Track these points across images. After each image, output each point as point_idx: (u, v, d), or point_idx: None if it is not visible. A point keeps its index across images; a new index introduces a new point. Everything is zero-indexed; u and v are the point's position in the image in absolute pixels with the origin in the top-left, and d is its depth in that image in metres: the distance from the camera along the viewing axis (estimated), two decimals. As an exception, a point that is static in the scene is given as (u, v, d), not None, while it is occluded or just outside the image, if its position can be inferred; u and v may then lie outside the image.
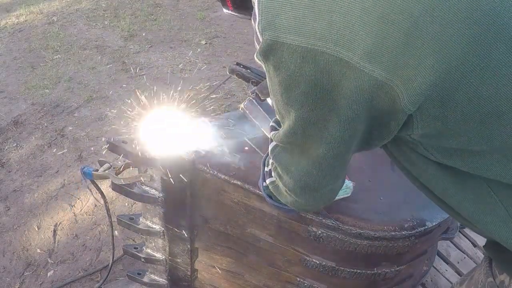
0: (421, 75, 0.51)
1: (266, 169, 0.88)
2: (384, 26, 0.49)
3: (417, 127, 0.57)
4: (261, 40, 0.57)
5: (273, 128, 0.82)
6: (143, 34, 3.90)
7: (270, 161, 0.81)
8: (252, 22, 0.60)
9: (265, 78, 1.09)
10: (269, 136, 0.79)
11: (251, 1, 0.63)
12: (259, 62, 0.61)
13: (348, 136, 0.61)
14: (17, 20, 4.22)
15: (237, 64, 1.15)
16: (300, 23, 0.52)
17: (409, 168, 0.71)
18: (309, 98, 0.58)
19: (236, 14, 0.85)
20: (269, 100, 1.13)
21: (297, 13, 0.52)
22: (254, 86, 1.12)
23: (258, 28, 0.56)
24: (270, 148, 0.79)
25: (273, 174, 0.82)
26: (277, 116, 0.69)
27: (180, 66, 3.38)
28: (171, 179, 1.05)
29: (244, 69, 1.13)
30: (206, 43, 3.75)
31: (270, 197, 0.89)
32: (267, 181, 0.86)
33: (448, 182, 0.66)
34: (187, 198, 1.11)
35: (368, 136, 0.63)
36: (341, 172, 0.74)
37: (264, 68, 0.61)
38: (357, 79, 0.52)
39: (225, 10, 0.85)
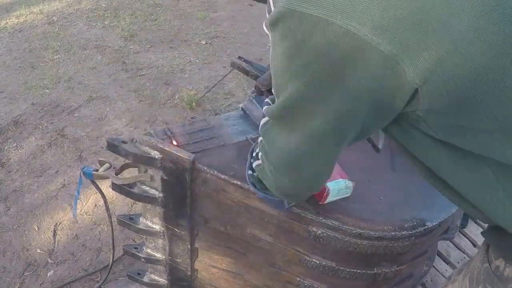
0: (428, 49, 0.52)
1: (254, 153, 0.88)
2: (395, 1, 0.51)
3: (423, 102, 0.57)
4: (273, 8, 0.58)
5: (266, 104, 0.81)
6: (143, 34, 3.90)
7: (259, 139, 0.80)
8: None
9: (264, 72, 1.13)
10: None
11: None
12: (266, 31, 0.62)
13: (346, 112, 0.61)
14: (17, 20, 4.22)
15: (239, 57, 1.21)
16: None
17: (410, 148, 0.71)
18: (310, 69, 0.58)
19: None
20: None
21: None
22: (253, 79, 1.16)
23: None
24: (261, 124, 0.78)
25: (259, 154, 0.81)
26: (273, 91, 0.69)
27: (180, 66, 3.38)
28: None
29: (245, 63, 1.19)
30: (206, 43, 3.75)
31: (255, 186, 0.88)
32: (254, 164, 0.85)
33: (450, 162, 0.66)
34: (187, 198, 1.11)
35: (372, 115, 0.62)
36: (330, 156, 0.72)
37: (270, 38, 0.62)
38: (363, 51, 0.53)
39: None
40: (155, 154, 1.06)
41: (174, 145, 1.08)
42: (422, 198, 1.07)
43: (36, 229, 2.02)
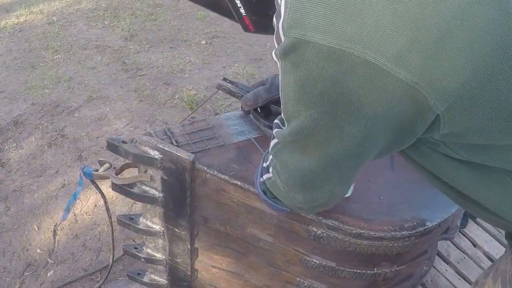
0: (450, 75, 0.51)
1: (265, 164, 0.87)
2: (416, 30, 0.50)
3: (444, 127, 0.57)
4: (283, 38, 0.57)
5: (277, 126, 0.81)
6: (143, 34, 3.90)
7: (270, 157, 0.80)
8: (274, 20, 0.60)
9: (248, 92, 1.14)
10: (272, 133, 0.79)
11: (272, 22, 0.64)
12: (275, 59, 0.61)
13: (363, 138, 0.60)
14: (17, 20, 4.22)
15: (224, 79, 1.22)
16: (330, 24, 0.52)
17: (427, 167, 0.71)
18: (325, 98, 0.57)
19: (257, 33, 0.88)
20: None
21: (328, 13, 0.52)
22: (239, 99, 1.18)
23: (282, 25, 0.57)
24: (271, 145, 0.78)
25: (270, 170, 0.81)
26: (283, 116, 0.68)
27: (180, 66, 3.38)
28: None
29: (230, 84, 1.21)
30: (206, 43, 3.75)
31: (265, 193, 0.88)
32: (264, 176, 0.85)
33: (471, 178, 0.66)
34: (187, 198, 1.11)
35: (390, 140, 0.62)
36: (346, 176, 0.72)
37: (279, 66, 0.61)
38: (382, 80, 0.52)
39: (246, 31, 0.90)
40: (155, 154, 1.06)
41: (174, 145, 1.08)
42: (422, 198, 1.07)
43: (36, 229, 2.02)
